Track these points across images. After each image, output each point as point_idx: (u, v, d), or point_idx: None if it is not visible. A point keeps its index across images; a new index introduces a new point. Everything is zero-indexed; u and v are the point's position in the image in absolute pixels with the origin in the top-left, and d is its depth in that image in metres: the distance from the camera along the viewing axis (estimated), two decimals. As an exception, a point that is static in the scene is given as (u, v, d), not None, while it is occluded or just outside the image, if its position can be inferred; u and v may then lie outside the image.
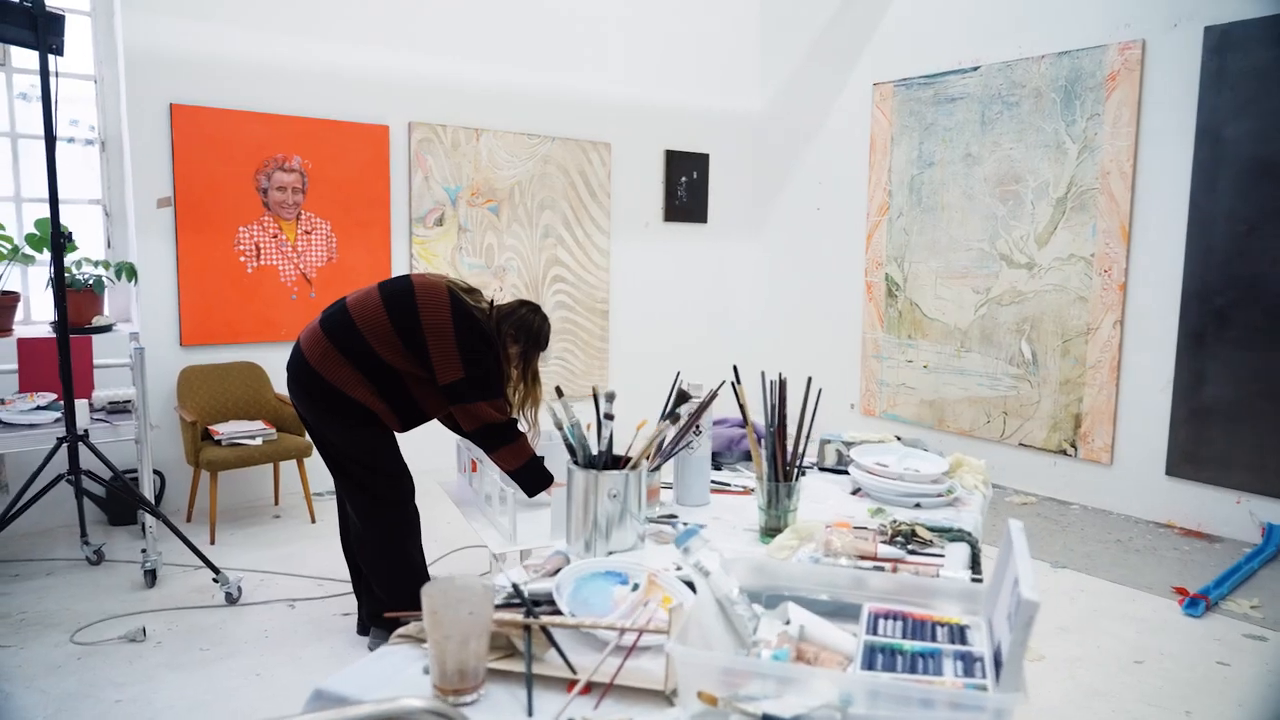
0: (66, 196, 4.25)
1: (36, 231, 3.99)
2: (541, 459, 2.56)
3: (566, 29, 5.33)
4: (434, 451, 3.67)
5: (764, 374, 1.59)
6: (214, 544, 3.85)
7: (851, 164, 5.57)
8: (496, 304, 2.69)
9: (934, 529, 1.59)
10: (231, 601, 3.23)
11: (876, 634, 1.08)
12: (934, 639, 1.07)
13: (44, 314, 4.22)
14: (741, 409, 1.61)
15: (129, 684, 2.64)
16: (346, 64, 4.57)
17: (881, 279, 5.43)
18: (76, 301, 4.06)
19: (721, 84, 6.05)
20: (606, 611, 1.19)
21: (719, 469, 2.06)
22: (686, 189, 5.97)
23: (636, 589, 1.24)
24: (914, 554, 1.51)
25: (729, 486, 1.90)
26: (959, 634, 1.08)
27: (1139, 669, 2.82)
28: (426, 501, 3.41)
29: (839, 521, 1.58)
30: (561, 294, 5.49)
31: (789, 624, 1.10)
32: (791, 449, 1.58)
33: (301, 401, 2.69)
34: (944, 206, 5.03)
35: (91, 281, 4.06)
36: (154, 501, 4.18)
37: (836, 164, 5.69)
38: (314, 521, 4.13)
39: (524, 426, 2.68)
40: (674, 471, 1.78)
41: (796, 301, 6.09)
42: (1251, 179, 3.82)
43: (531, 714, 0.97)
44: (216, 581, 3.23)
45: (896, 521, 1.58)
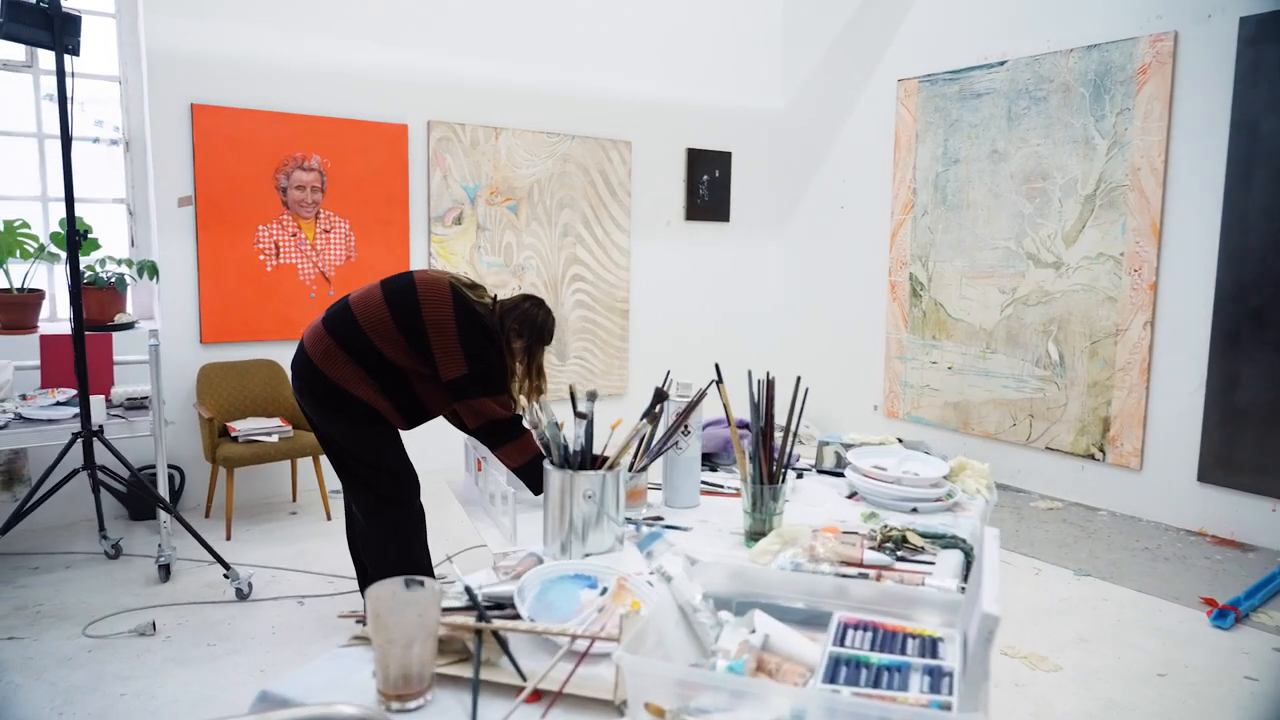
0: (92, 196, 4.34)
1: (61, 230, 4.05)
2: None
3: (587, 27, 5.31)
4: (442, 449, 3.67)
5: (750, 373, 1.54)
6: (230, 540, 3.89)
7: (875, 161, 5.48)
8: (500, 299, 2.67)
9: (926, 535, 1.53)
10: (242, 597, 3.24)
11: (844, 645, 1.03)
12: (904, 652, 1.01)
13: (69, 311, 4.28)
14: (725, 409, 1.56)
15: (135, 678, 2.66)
16: (365, 63, 4.59)
17: (906, 278, 5.33)
18: (99, 299, 4.11)
19: (744, 81, 5.99)
20: (571, 616, 1.16)
21: (714, 470, 2.01)
22: (708, 187, 5.92)
23: (605, 593, 1.20)
24: (903, 560, 1.45)
25: (721, 488, 1.85)
26: (930, 647, 1.02)
27: (1161, 682, 2.72)
28: (439, 501, 3.41)
29: (827, 526, 1.53)
30: (581, 293, 5.47)
31: (754, 633, 1.06)
32: (779, 450, 1.54)
33: (306, 400, 2.69)
34: (969, 204, 4.92)
35: (114, 279, 4.11)
36: (174, 497, 4.24)
37: (860, 161, 5.60)
38: (329, 519, 4.15)
39: (528, 422, 2.65)
40: (663, 472, 1.74)
41: (819, 301, 6.01)
42: (1289, 175, 3.68)
43: (477, 722, 0.94)
44: (227, 577, 3.25)
45: (887, 527, 1.53)
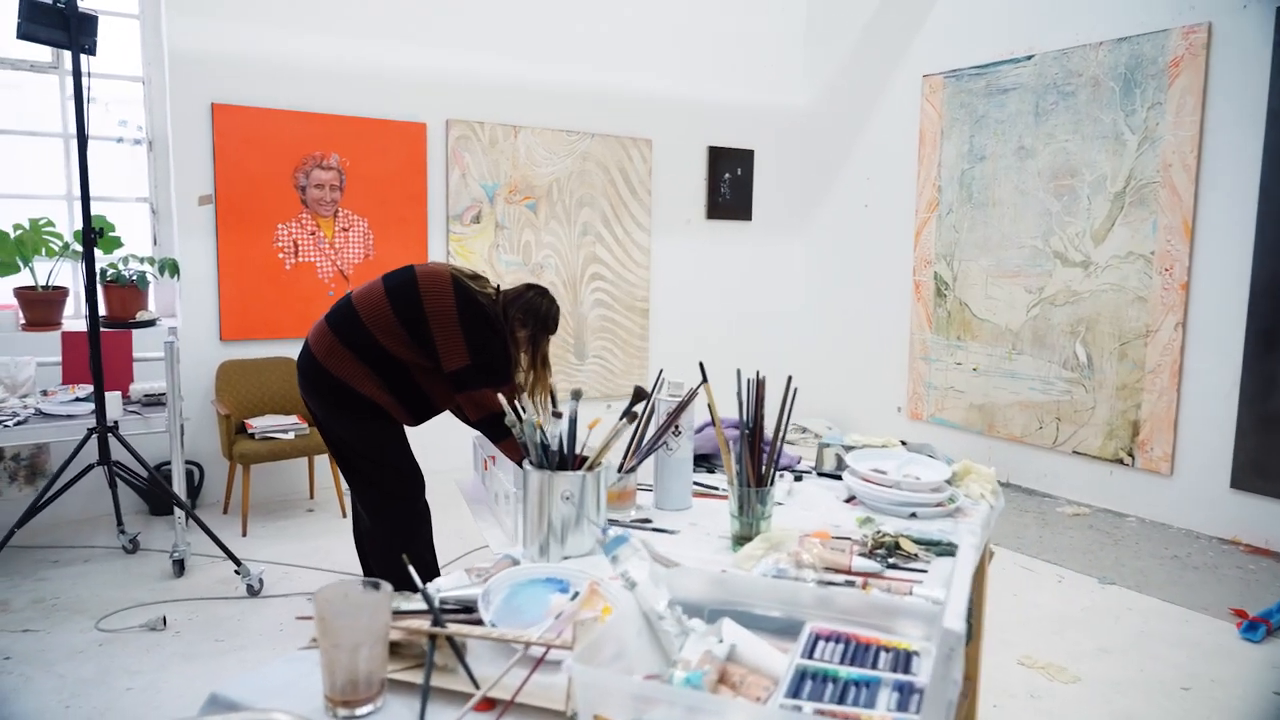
0: (116, 195, 4.39)
1: (103, 230, 4.10)
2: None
3: (608, 24, 5.28)
4: (453, 449, 3.65)
5: (739, 371, 1.50)
6: (246, 536, 3.92)
7: (900, 159, 5.38)
8: (503, 289, 2.65)
9: (921, 541, 1.47)
10: (253, 594, 3.26)
11: (812, 657, 0.98)
12: (875, 666, 0.97)
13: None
14: (710, 410, 1.52)
15: (143, 672, 2.68)
16: (384, 62, 4.60)
17: (930, 278, 5.23)
18: (121, 296, 4.17)
19: (767, 78, 5.92)
20: (538, 621, 1.12)
21: (712, 471, 1.97)
22: (730, 186, 5.86)
23: (576, 598, 1.17)
24: (894, 568, 1.40)
25: (715, 490, 1.81)
26: (904, 661, 0.97)
27: (1185, 696, 2.62)
28: (451, 501, 3.39)
29: (817, 531, 1.48)
30: (600, 292, 5.44)
31: (721, 642, 1.02)
32: (768, 452, 1.49)
33: (311, 397, 2.69)
34: (995, 202, 4.81)
35: (135, 277, 4.16)
36: (193, 493, 4.29)
37: (884, 159, 5.51)
38: (344, 516, 4.16)
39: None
40: (653, 474, 1.70)
41: (842, 301, 5.92)
42: (1328, 170, 3.54)
43: (426, 730, 0.91)
44: (238, 574, 3.27)
45: (880, 532, 1.47)
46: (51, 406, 3.44)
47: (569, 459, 1.42)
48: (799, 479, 1.90)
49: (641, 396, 1.49)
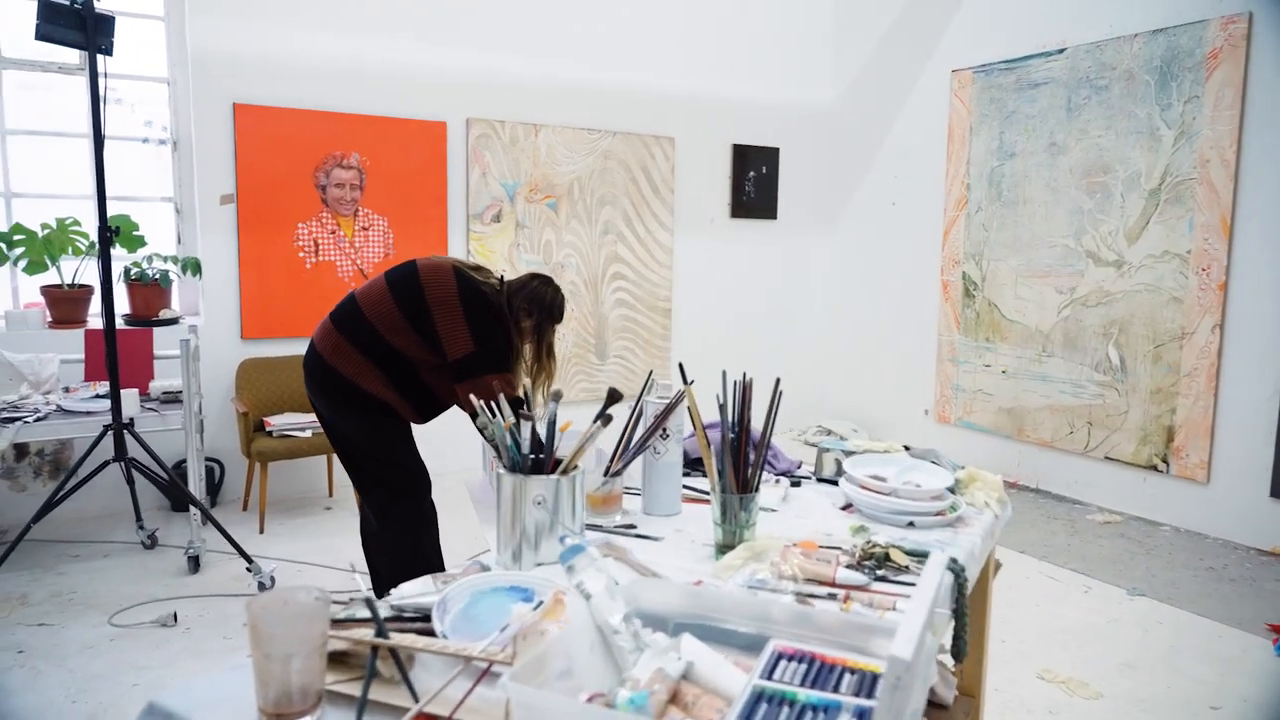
0: (141, 194, 4.45)
1: (118, 229, 4.16)
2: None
3: (629, 20, 5.23)
4: (463, 449, 3.64)
5: (725, 373, 1.44)
6: (263, 533, 3.94)
7: (928, 156, 5.26)
8: (506, 279, 2.63)
9: (913, 552, 1.40)
10: (264, 591, 3.26)
11: (771, 678, 0.93)
12: (838, 689, 0.91)
13: (116, 307, 4.40)
14: (691, 413, 1.46)
15: (150, 668, 2.70)
16: (404, 61, 4.61)
17: (958, 278, 5.11)
18: (145, 295, 4.23)
19: (792, 75, 5.83)
20: (496, 631, 1.08)
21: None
22: (755, 184, 5.78)
23: (540, 607, 1.12)
24: (882, 580, 1.33)
25: (707, 496, 1.75)
26: (869, 684, 0.91)
27: (1215, 716, 2.50)
28: (459, 502, 3.38)
29: (804, 541, 1.42)
30: (622, 291, 5.40)
31: (679, 659, 0.96)
32: (754, 457, 1.43)
33: (317, 396, 2.68)
34: (1026, 200, 4.68)
35: (158, 276, 4.22)
36: (213, 490, 4.33)
37: (912, 156, 5.40)
38: (361, 514, 4.17)
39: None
40: (641, 478, 1.65)
41: (869, 301, 5.81)
42: (1376, 165, 3.37)
43: (362, 747, 0.87)
44: (250, 571, 3.28)
45: (870, 543, 1.41)
46: (72, 403, 3.48)
47: (544, 462, 1.37)
48: (797, 484, 1.84)
49: (616, 398, 1.45)
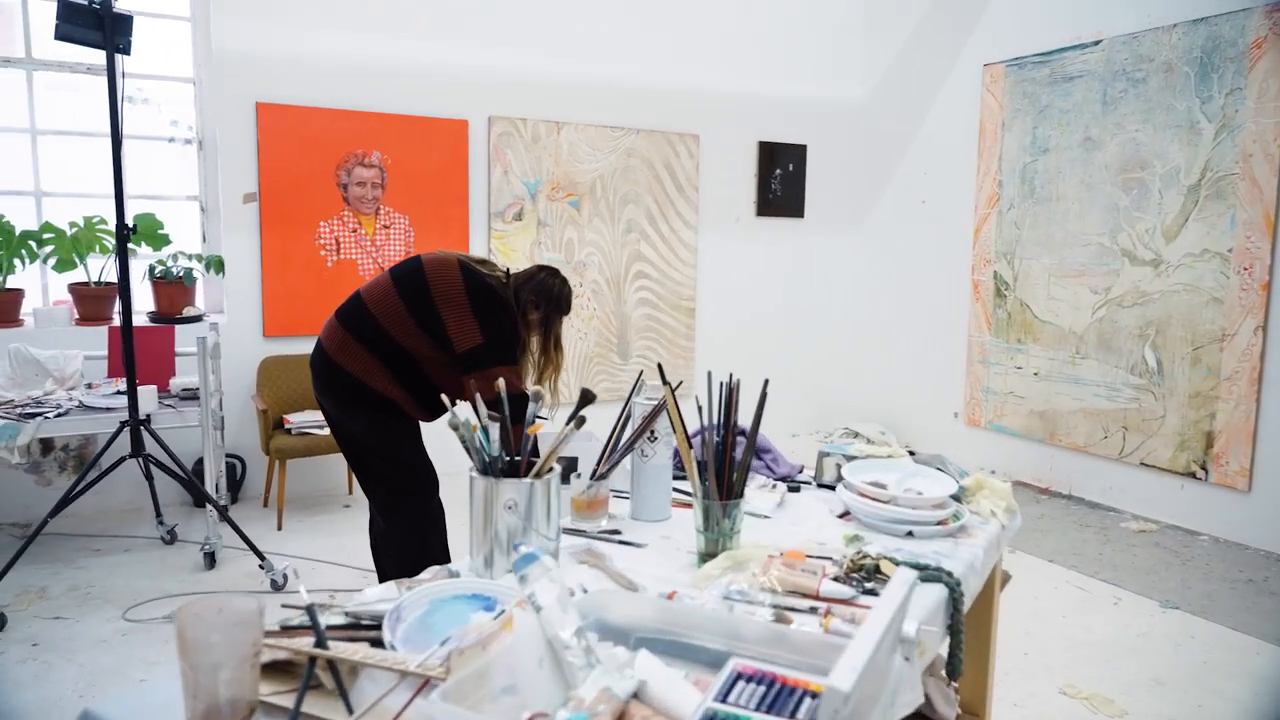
0: (168, 193, 4.50)
1: (136, 226, 4.21)
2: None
3: (654, 16, 5.17)
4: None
5: (710, 374, 1.38)
6: (281, 530, 3.95)
7: (959, 152, 5.13)
8: (513, 271, 2.61)
9: (905, 565, 1.33)
10: (277, 588, 3.27)
11: (727, 700, 0.87)
12: (794, 714, 0.84)
13: (141, 304, 4.46)
14: (671, 417, 1.40)
15: (159, 664, 2.71)
16: (426, 60, 4.60)
17: (989, 277, 4.97)
18: (169, 293, 4.27)
19: (821, 70, 5.73)
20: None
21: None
22: (781, 182, 5.69)
23: (501, 616, 1.08)
24: (870, 594, 1.26)
25: (700, 501, 1.69)
26: (830, 708, 0.85)
27: (1247, 737, 2.38)
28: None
29: (791, 551, 1.35)
30: (645, 290, 5.34)
31: (632, 677, 0.91)
32: (740, 462, 1.37)
33: (324, 395, 2.67)
34: (1059, 197, 4.53)
35: (182, 274, 4.25)
36: (235, 487, 4.36)
37: (943, 153, 5.27)
38: (378, 513, 4.17)
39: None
40: (630, 481, 1.60)
41: (898, 301, 5.69)
42: None
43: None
44: (263, 568, 3.29)
45: (860, 553, 1.34)
46: (93, 399, 3.52)
47: (519, 465, 1.33)
48: (796, 490, 1.78)
49: (588, 399, 1.39)
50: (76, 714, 2.21)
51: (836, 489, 1.63)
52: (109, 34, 3.04)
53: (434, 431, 2.71)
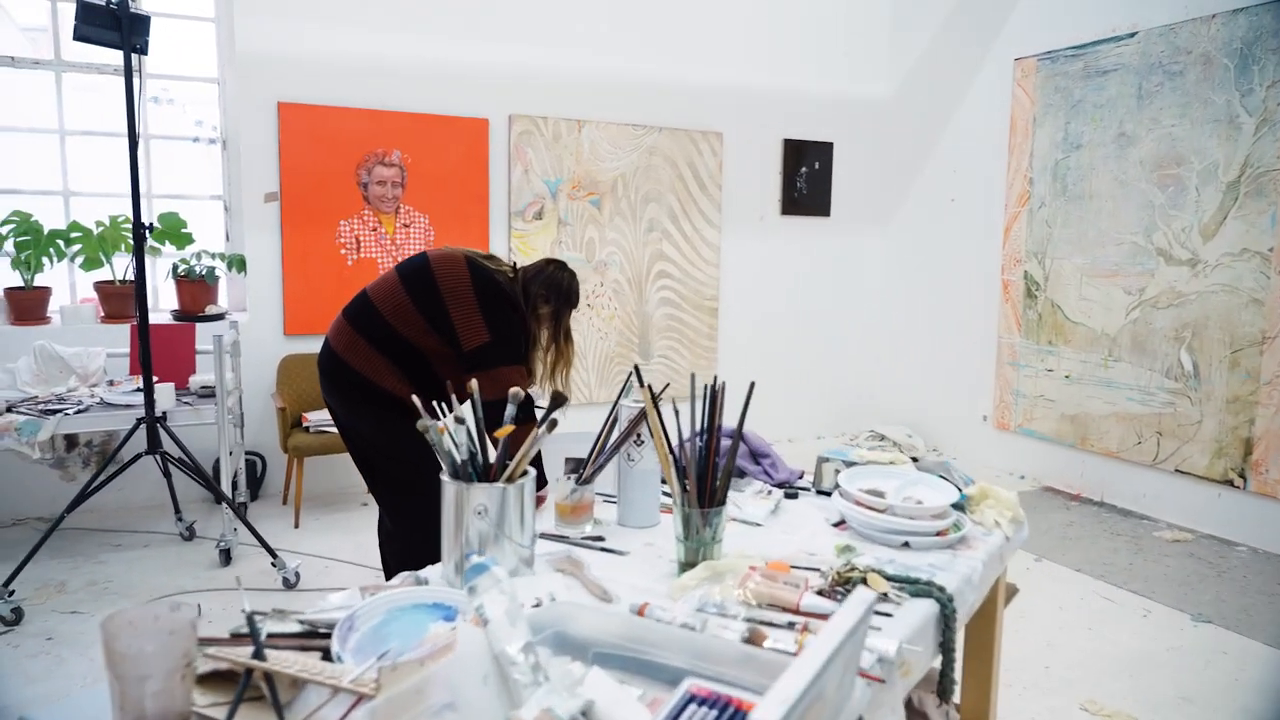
0: (193, 193, 4.55)
1: (160, 226, 4.27)
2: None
3: (677, 12, 5.12)
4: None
5: (694, 376, 1.33)
6: (298, 527, 3.97)
7: (988, 150, 5.01)
8: (520, 266, 2.58)
9: (896, 578, 1.27)
10: (289, 587, 3.28)
11: (676, 723, 0.82)
12: (745, 739, 0.79)
13: (167, 302, 4.51)
14: (649, 422, 1.35)
15: (167, 661, 2.71)
16: (447, 58, 4.60)
17: (1020, 277, 4.84)
18: (193, 291, 4.32)
19: (848, 66, 5.63)
20: (406, 653, 0.99)
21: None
22: (807, 180, 5.60)
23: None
24: (855, 609, 1.20)
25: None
26: (784, 736, 0.79)
27: (1279, 760, 2.27)
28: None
29: (775, 562, 1.29)
30: (667, 290, 5.29)
31: (579, 696, 0.86)
32: (724, 468, 1.32)
33: (332, 395, 2.66)
34: (1092, 195, 4.40)
35: (204, 272, 4.30)
36: (255, 484, 4.39)
37: (972, 150, 5.14)
38: (395, 511, 4.17)
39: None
40: (617, 486, 1.55)
41: (925, 302, 5.57)
42: None
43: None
44: (274, 566, 3.30)
45: (848, 565, 1.28)
46: (114, 396, 3.56)
47: (494, 468, 1.29)
48: (794, 496, 1.71)
49: (560, 402, 1.35)
50: (90, 707, 2.20)
51: (834, 497, 1.57)
52: (126, 34, 3.06)
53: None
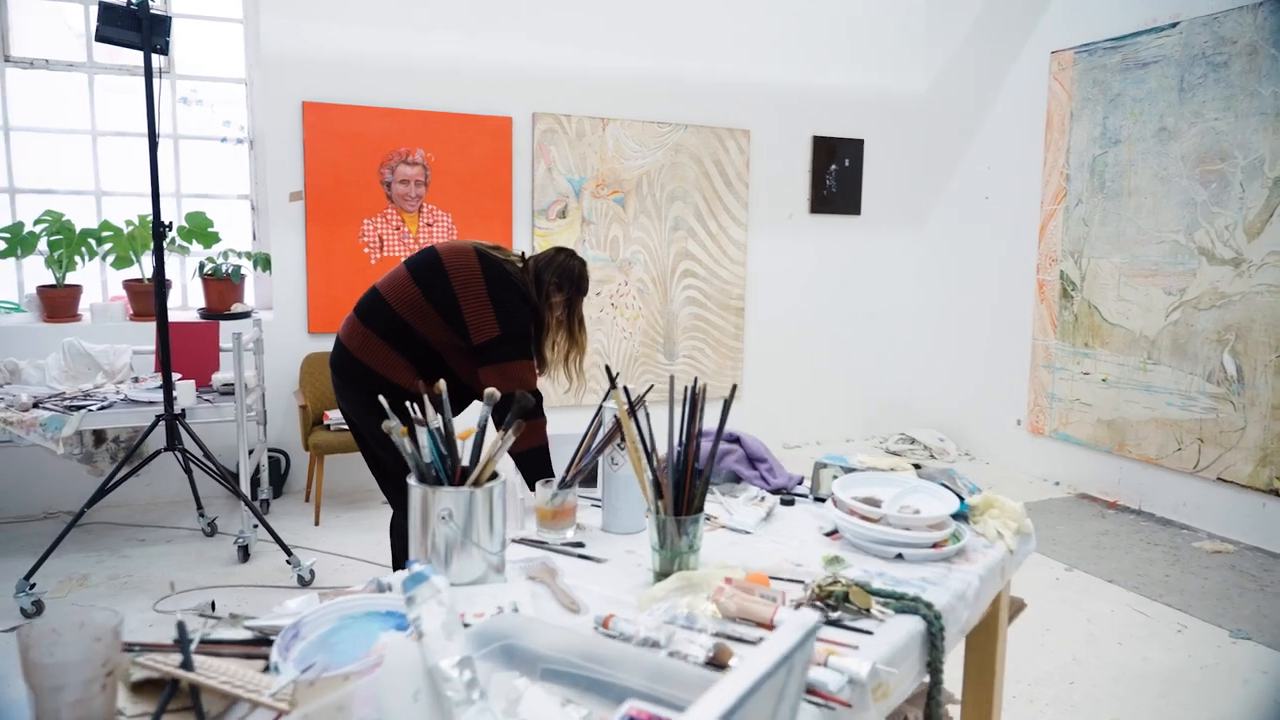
0: (221, 192, 4.61)
1: (187, 225, 4.32)
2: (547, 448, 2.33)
3: (703, 7, 5.05)
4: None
5: (673, 378, 1.28)
6: (318, 524, 3.99)
7: (1024, 145, 4.86)
8: (529, 256, 2.55)
9: (881, 592, 1.20)
10: (304, 584, 3.29)
11: (610, 749, 0.77)
12: (680, 769, 0.74)
13: (193, 300, 4.57)
14: (624, 425, 1.30)
15: (178, 657, 2.73)
16: (470, 57, 4.59)
17: (1055, 277, 4.69)
18: (219, 289, 4.37)
19: (879, 62, 5.51)
20: (354, 664, 0.96)
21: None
22: (836, 178, 5.50)
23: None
24: (835, 625, 1.14)
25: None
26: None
27: (1317, 788, 2.14)
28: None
29: (754, 574, 1.24)
30: (692, 289, 5.23)
31: (515, 717, 0.82)
32: (702, 474, 1.26)
33: (346, 394, 2.64)
34: (1131, 191, 4.24)
35: (230, 271, 4.34)
36: (278, 481, 4.43)
37: (1007, 146, 5.00)
38: (414, 510, 4.17)
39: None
40: (602, 490, 1.51)
41: (958, 302, 5.43)
42: None
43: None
44: (289, 564, 3.31)
45: (831, 578, 1.21)
46: (138, 392, 3.60)
47: (466, 470, 1.25)
48: (790, 503, 1.65)
49: (526, 405, 1.30)
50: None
51: (827, 504, 1.50)
52: (146, 34, 3.09)
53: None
